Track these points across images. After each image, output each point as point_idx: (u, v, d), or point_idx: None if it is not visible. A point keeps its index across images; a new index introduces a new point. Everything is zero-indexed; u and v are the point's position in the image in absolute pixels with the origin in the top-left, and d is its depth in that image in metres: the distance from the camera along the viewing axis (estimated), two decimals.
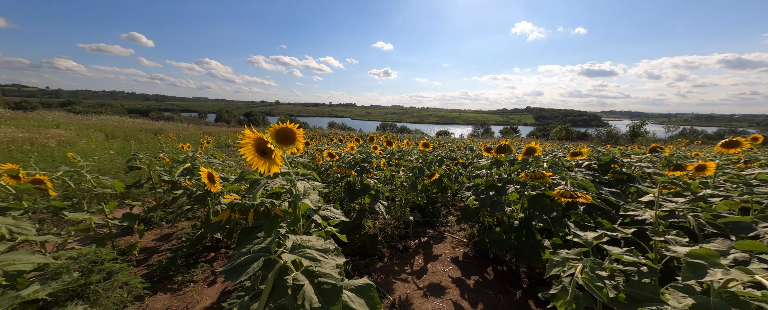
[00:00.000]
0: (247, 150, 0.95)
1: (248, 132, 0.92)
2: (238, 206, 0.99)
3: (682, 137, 27.36)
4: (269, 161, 0.95)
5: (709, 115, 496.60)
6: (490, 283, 2.39)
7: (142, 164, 3.39)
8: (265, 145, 0.92)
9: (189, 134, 16.25)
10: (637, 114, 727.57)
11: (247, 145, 0.95)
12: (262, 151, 0.94)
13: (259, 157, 0.96)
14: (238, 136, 0.92)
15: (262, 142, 0.93)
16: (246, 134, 0.93)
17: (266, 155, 0.94)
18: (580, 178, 1.86)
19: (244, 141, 0.94)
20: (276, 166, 0.95)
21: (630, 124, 23.51)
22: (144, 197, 4.31)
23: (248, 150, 0.95)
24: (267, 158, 0.95)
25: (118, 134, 13.54)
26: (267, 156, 0.94)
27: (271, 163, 0.95)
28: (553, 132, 39.87)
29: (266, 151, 0.93)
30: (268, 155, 0.93)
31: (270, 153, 0.93)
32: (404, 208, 3.32)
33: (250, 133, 0.93)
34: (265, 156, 0.95)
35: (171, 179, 2.42)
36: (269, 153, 0.93)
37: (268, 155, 0.94)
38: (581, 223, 1.99)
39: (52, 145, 7.95)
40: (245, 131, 0.92)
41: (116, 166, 5.71)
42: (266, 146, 0.92)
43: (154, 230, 3.30)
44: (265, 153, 0.94)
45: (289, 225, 1.05)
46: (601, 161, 3.03)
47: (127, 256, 2.69)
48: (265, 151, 0.93)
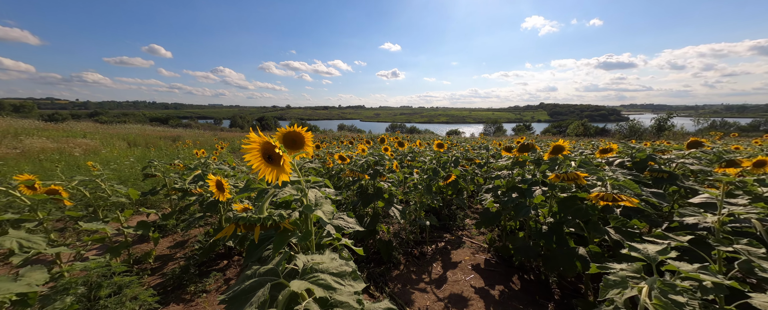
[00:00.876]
0: (253, 156, 0.85)
1: (253, 136, 0.82)
2: (242, 220, 0.89)
3: (713, 130, 25.64)
4: (277, 168, 0.85)
5: (742, 105, 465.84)
6: (516, 294, 2.20)
7: (157, 171, 3.41)
8: (272, 151, 0.81)
9: (205, 140, 16.72)
10: (660, 107, 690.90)
11: (252, 150, 0.84)
12: (269, 157, 0.83)
13: (265, 164, 0.85)
14: (243, 140, 0.81)
15: (269, 147, 0.82)
16: (251, 139, 0.83)
17: (274, 161, 0.83)
18: (621, 179, 1.66)
19: (250, 146, 0.84)
20: (285, 174, 0.84)
21: (655, 118, 22.12)
22: (160, 203, 4.37)
23: (254, 156, 0.85)
24: (274, 164, 0.84)
25: (139, 142, 14.09)
26: (274, 163, 0.83)
27: (279, 170, 0.84)
28: (569, 128, 38.37)
29: (274, 157, 0.82)
30: (276, 161, 0.83)
31: (278, 159, 0.82)
32: (419, 212, 3.17)
33: (256, 137, 0.82)
34: (272, 163, 0.84)
35: (182, 187, 2.39)
36: (277, 159, 0.82)
37: (276, 162, 0.83)
38: (623, 229, 1.79)
39: (77, 154, 8.32)
40: (250, 135, 0.82)
41: (136, 173, 5.86)
42: (274, 152, 0.81)
43: (170, 237, 3.30)
44: (272, 159, 0.83)
45: (300, 240, 0.93)
46: (635, 159, 2.77)
47: (142, 264, 2.68)
48: (273, 157, 0.82)
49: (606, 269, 1.13)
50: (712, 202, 1.76)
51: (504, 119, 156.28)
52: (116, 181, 4.77)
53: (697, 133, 24.21)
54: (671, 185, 2.37)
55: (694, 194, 2.27)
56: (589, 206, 1.87)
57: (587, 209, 1.86)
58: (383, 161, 2.75)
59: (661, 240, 1.58)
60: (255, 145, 0.84)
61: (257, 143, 0.84)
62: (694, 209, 1.45)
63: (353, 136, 16.33)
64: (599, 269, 1.15)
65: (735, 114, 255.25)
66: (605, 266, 1.14)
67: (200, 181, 2.49)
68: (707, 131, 25.17)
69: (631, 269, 1.00)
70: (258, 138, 0.83)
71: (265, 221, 0.92)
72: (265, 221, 0.92)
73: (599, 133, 35.19)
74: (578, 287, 2.23)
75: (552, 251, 2.14)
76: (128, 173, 5.80)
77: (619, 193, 1.52)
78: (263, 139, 0.82)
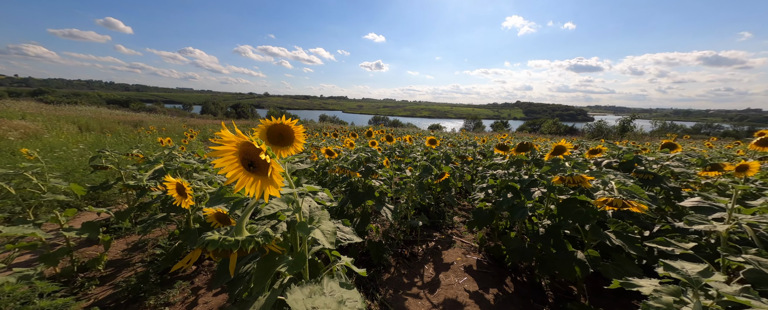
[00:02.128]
0: (227, 162, 0.61)
1: (227, 134, 0.58)
2: (212, 245, 0.65)
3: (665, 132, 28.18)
4: (262, 178, 0.62)
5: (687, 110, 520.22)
6: (511, 297, 2.15)
7: (109, 162, 2.94)
8: (255, 156, 0.58)
9: (172, 127, 15.37)
10: (621, 109, 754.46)
11: (226, 153, 0.61)
12: (252, 165, 0.60)
13: (245, 172, 0.62)
14: (214, 138, 0.57)
15: (251, 151, 0.59)
16: (224, 137, 0.59)
17: (258, 169, 0.60)
18: (629, 183, 1.60)
19: (223, 148, 0.60)
20: (273, 187, 0.61)
21: (619, 119, 23.92)
22: (114, 199, 3.85)
23: (228, 161, 0.61)
24: (259, 173, 0.61)
25: (93, 127, 12.59)
26: (259, 171, 0.61)
27: (266, 182, 0.61)
28: (544, 126, 40.42)
29: (258, 165, 0.59)
30: (261, 169, 0.60)
31: (264, 168, 0.59)
32: (410, 210, 3.03)
33: (231, 136, 0.58)
34: (255, 171, 0.61)
35: (138, 184, 2.02)
36: (263, 167, 0.59)
37: (261, 170, 0.60)
38: (623, 233, 1.76)
39: (12, 138, 7.19)
40: (223, 132, 0.57)
41: (86, 163, 5.14)
42: (257, 157, 0.58)
43: (125, 239, 2.89)
44: (255, 167, 0.60)
45: (290, 268, 0.72)
46: (622, 160, 2.81)
47: (89, 272, 2.29)
48: (257, 165, 0.59)
49: (630, 286, 1.04)
50: (704, 205, 1.77)
51: (483, 116, 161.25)
52: (61, 171, 4.13)
53: (652, 135, 26.52)
54: (655, 186, 2.41)
55: (677, 196, 2.32)
56: (590, 209, 1.82)
57: (588, 213, 1.81)
58: (375, 157, 2.55)
59: (652, 244, 1.56)
60: (230, 146, 0.60)
61: (233, 144, 0.60)
62: (703, 217, 1.41)
63: (336, 128, 15.85)
64: (622, 285, 1.06)
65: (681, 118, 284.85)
66: (629, 282, 1.05)
67: (162, 176, 2.13)
68: (660, 133, 27.67)
69: (668, 291, 0.90)
70: (235, 137, 0.59)
71: (244, 244, 0.69)
72: (245, 244, 0.69)
73: (568, 132, 37.41)
74: (569, 288, 2.23)
75: (548, 254, 2.09)
76: (77, 162, 5.07)
77: (629, 198, 1.45)
78: (242, 138, 0.58)
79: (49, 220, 2.08)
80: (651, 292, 0.94)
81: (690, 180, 2.48)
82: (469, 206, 4.50)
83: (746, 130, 52.36)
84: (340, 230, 0.98)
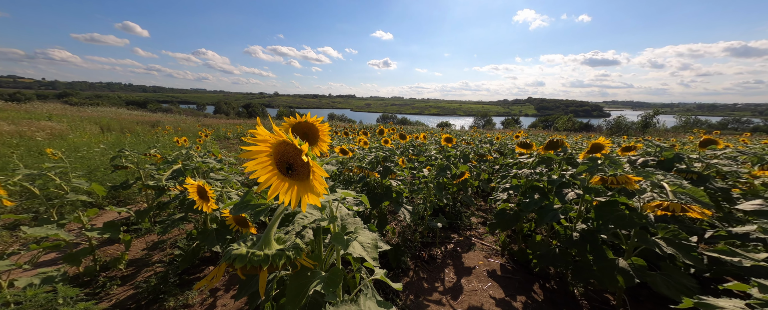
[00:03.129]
0: (260, 164, 0.52)
1: (263, 131, 0.49)
2: (239, 260, 0.57)
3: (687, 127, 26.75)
4: (300, 183, 0.53)
5: (712, 104, 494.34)
6: (541, 307, 2.01)
7: (129, 162, 2.96)
8: (294, 157, 0.49)
9: (187, 127, 15.77)
10: (639, 104, 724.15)
11: (259, 154, 0.52)
12: (290, 168, 0.51)
13: (280, 176, 0.53)
14: (246, 137, 0.49)
15: (290, 152, 0.50)
16: (258, 135, 0.50)
17: (297, 173, 0.51)
18: (687, 185, 1.44)
19: (256, 148, 0.51)
20: (313, 194, 0.52)
21: (641, 115, 22.78)
22: (134, 198, 3.91)
23: (261, 164, 0.52)
24: (297, 178, 0.52)
25: (114, 127, 13.05)
26: (297, 175, 0.51)
27: (304, 188, 0.52)
28: (559, 123, 39.21)
29: (297, 168, 0.50)
30: (301, 173, 0.51)
31: (304, 171, 0.50)
32: (427, 211, 2.93)
33: (266, 133, 0.49)
34: (292, 175, 0.52)
35: (157, 184, 2.00)
36: (303, 171, 0.50)
37: (301, 174, 0.51)
38: (676, 241, 1.59)
39: (40, 138, 7.50)
40: (258, 129, 0.49)
41: (107, 162, 5.28)
42: (298, 159, 0.49)
43: (145, 238, 2.91)
44: (293, 170, 0.51)
45: (325, 286, 0.63)
46: (661, 158, 2.60)
47: (111, 271, 2.31)
48: (295, 168, 0.50)
49: (706, 307, 0.91)
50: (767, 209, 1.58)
51: (493, 113, 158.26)
52: (83, 170, 4.24)
53: (676, 131, 25.25)
54: (700, 186, 2.20)
55: (726, 198, 2.11)
56: (635, 213, 1.66)
57: (632, 217, 1.65)
58: (394, 156, 2.45)
59: (728, 256, 1.39)
60: (264, 146, 0.51)
61: (268, 144, 0.51)
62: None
63: (346, 127, 15.86)
64: (696, 305, 0.93)
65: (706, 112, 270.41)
66: (704, 303, 0.91)
67: (180, 176, 2.11)
68: (684, 129, 26.29)
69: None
70: (270, 136, 0.50)
71: (274, 260, 0.61)
72: (275, 260, 0.61)
73: (584, 128, 36.15)
74: (605, 298, 2.07)
75: (584, 260, 1.94)
76: (98, 161, 5.22)
77: (689, 202, 1.30)
78: (279, 137, 0.49)
79: (73, 220, 2.09)
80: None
81: (740, 180, 2.26)
82: (486, 206, 4.35)
83: None
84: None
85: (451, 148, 3.72)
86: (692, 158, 2.46)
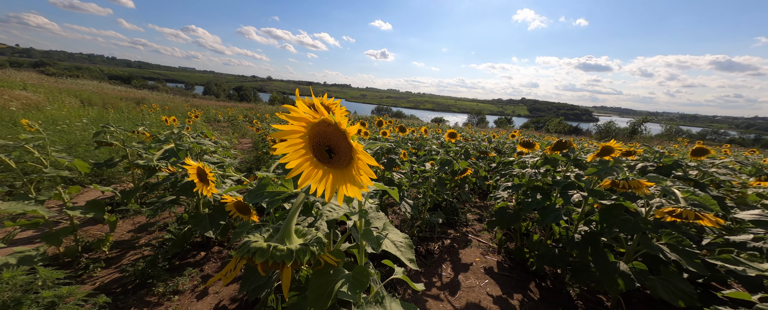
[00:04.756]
0: (292, 146, 0.44)
1: (303, 108, 0.41)
2: (260, 254, 0.50)
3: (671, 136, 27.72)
4: (336, 172, 0.45)
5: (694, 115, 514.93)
6: (538, 306, 2.03)
7: (114, 139, 2.78)
8: (338, 140, 0.41)
9: (175, 106, 15.15)
10: (626, 111, 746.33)
11: (292, 134, 0.43)
12: (330, 151, 0.43)
13: (314, 162, 0.45)
14: (280, 113, 0.40)
15: (331, 135, 0.42)
16: (294, 112, 0.41)
17: (339, 158, 0.43)
18: (700, 193, 1.43)
19: (290, 127, 0.42)
20: (353, 184, 0.44)
21: (629, 121, 23.47)
22: (119, 177, 3.72)
23: (293, 146, 0.44)
24: (335, 165, 0.44)
25: (95, 101, 12.38)
26: (335, 162, 0.44)
27: (342, 177, 0.45)
28: (551, 125, 40.02)
29: (339, 152, 0.42)
30: (341, 160, 0.43)
31: (345, 158, 0.42)
32: (427, 206, 2.90)
33: (307, 110, 0.41)
34: (331, 162, 0.44)
35: (147, 164, 1.87)
36: (344, 157, 0.42)
37: (340, 161, 0.43)
38: (679, 247, 1.61)
39: (14, 108, 7.02)
40: (297, 105, 0.40)
41: (89, 137, 4.99)
42: (343, 142, 0.41)
43: (131, 219, 2.77)
44: (335, 154, 0.43)
45: (352, 287, 0.57)
46: (660, 164, 2.64)
47: (94, 253, 2.18)
48: (337, 151, 0.42)
49: None
50: (767, 220, 1.61)
51: (487, 111, 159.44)
52: (63, 145, 3.98)
53: (660, 138, 26.12)
54: None
55: (721, 206, 2.16)
56: (640, 218, 1.66)
57: (637, 222, 1.65)
58: (398, 149, 2.38)
59: (732, 265, 1.41)
60: (299, 126, 0.43)
61: (303, 124, 0.43)
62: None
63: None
64: None
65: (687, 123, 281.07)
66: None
67: (172, 157, 1.98)
68: (668, 137, 27.25)
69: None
70: (310, 113, 0.41)
71: (298, 255, 0.54)
72: (299, 255, 0.54)
73: (573, 132, 36.98)
74: (599, 298, 2.11)
75: (584, 262, 1.95)
76: (80, 136, 4.92)
77: (701, 210, 1.29)
78: (321, 116, 0.41)
79: (52, 196, 1.94)
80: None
81: (734, 190, 2.31)
82: (481, 204, 4.37)
83: (753, 139, 51.70)
84: (397, 235, 0.83)
85: (453, 143, 3.68)
86: (690, 165, 2.51)
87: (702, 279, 1.95)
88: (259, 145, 5.85)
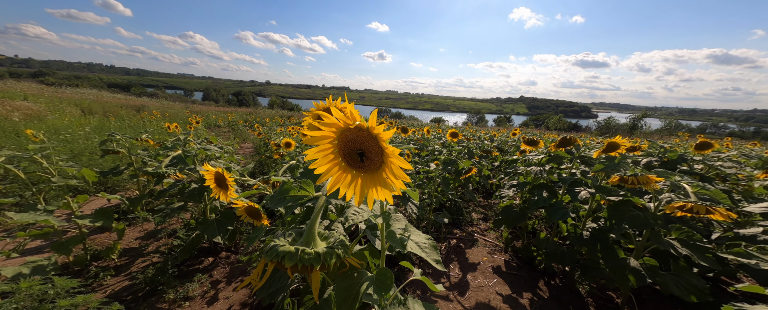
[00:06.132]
0: (322, 152, 0.45)
1: (336, 113, 0.41)
2: (289, 257, 0.50)
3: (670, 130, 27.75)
4: (365, 176, 0.46)
5: (693, 109, 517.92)
6: (547, 303, 2.03)
7: (120, 146, 2.79)
8: (370, 144, 0.42)
9: (175, 113, 15.19)
10: (625, 107, 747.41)
11: (323, 140, 0.44)
12: (362, 155, 0.44)
13: (344, 167, 0.46)
14: (311, 119, 0.41)
15: (363, 139, 0.43)
16: (327, 118, 0.42)
17: (371, 163, 0.44)
18: (710, 188, 1.44)
19: (321, 133, 0.43)
20: (384, 188, 0.45)
21: (629, 117, 23.54)
22: (124, 185, 3.72)
23: (323, 151, 0.45)
24: (365, 169, 0.45)
25: (96, 110, 12.42)
26: (366, 167, 0.44)
27: (371, 181, 0.46)
28: (551, 122, 40.13)
29: (371, 156, 0.43)
30: (373, 164, 0.44)
31: (377, 162, 0.43)
32: (432, 206, 2.90)
33: (338, 115, 0.42)
34: (362, 167, 0.45)
35: (156, 171, 1.88)
36: (375, 161, 0.43)
37: (371, 165, 0.44)
38: (690, 242, 1.61)
39: (17, 119, 7.04)
40: (333, 113, 0.41)
41: (93, 146, 5.01)
42: (375, 146, 0.42)
43: (137, 227, 2.77)
44: (367, 159, 0.44)
45: (377, 289, 0.57)
46: (665, 159, 2.64)
47: (103, 261, 2.18)
48: (369, 156, 0.43)
49: None
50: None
51: (486, 110, 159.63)
52: (67, 155, 3.99)
53: (660, 133, 26.15)
54: None
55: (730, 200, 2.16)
56: (649, 214, 1.67)
57: (647, 217, 1.66)
58: (404, 150, 2.39)
59: (745, 259, 1.41)
60: (329, 131, 0.44)
61: (333, 129, 0.44)
62: None
63: None
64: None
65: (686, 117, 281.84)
66: (739, 308, 0.91)
67: (180, 163, 1.99)
68: (668, 132, 27.29)
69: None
70: (342, 118, 0.42)
71: (325, 258, 0.54)
72: (327, 258, 0.54)
73: (572, 128, 37.04)
74: (609, 295, 2.11)
75: (593, 259, 1.95)
76: (83, 145, 4.94)
77: (712, 205, 1.30)
78: (354, 120, 0.42)
79: (61, 206, 1.95)
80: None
81: (741, 182, 2.31)
82: (485, 203, 4.37)
83: (752, 131, 51.73)
84: (420, 237, 0.84)
85: (455, 143, 3.69)
86: (695, 159, 2.51)
87: (712, 274, 1.95)
88: (262, 149, 5.86)
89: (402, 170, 0.41)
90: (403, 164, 0.40)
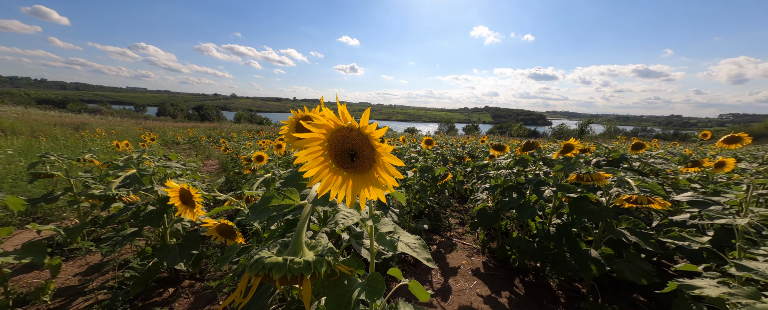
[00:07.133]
0: (312, 154, 0.45)
1: (328, 114, 0.42)
2: (276, 268, 0.48)
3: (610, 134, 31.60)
4: (356, 177, 0.46)
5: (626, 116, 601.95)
6: (524, 300, 2.12)
7: (56, 169, 2.43)
8: (361, 144, 0.43)
9: (123, 130, 13.70)
10: (574, 114, 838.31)
11: (313, 142, 0.44)
12: (353, 155, 0.44)
13: (334, 169, 0.46)
14: (304, 122, 0.41)
15: (354, 139, 0.43)
16: (318, 119, 0.42)
17: (362, 162, 0.44)
18: (649, 181, 1.65)
19: (311, 135, 0.43)
20: (376, 187, 0.46)
21: (578, 123, 26.65)
22: (60, 213, 3.22)
23: (313, 154, 0.45)
24: (356, 169, 0.45)
25: (21, 129, 10.74)
26: (357, 167, 0.45)
27: (364, 181, 0.46)
28: (513, 129, 43.43)
29: (362, 156, 0.44)
30: (364, 164, 0.44)
31: (368, 162, 0.44)
32: (411, 214, 2.93)
33: (331, 116, 0.42)
34: (352, 167, 0.45)
35: (104, 193, 1.66)
36: (367, 161, 0.44)
37: (362, 165, 0.45)
38: (637, 230, 1.81)
39: None
40: (323, 110, 0.41)
41: (16, 171, 4.29)
42: (367, 145, 0.42)
43: (80, 260, 2.39)
44: (358, 158, 0.44)
45: (369, 294, 0.56)
46: (610, 158, 2.99)
47: (31, 304, 1.84)
48: (361, 155, 0.44)
49: (688, 289, 1.03)
50: (698, 200, 1.88)
51: (455, 120, 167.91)
52: None
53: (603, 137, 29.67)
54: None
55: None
56: (603, 207, 1.86)
57: (601, 211, 1.85)
58: None
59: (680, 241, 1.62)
60: (319, 133, 0.44)
61: (323, 131, 0.44)
62: (719, 209, 1.48)
63: None
64: (681, 287, 1.05)
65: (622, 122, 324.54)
66: (686, 285, 1.04)
67: (135, 183, 1.78)
68: (609, 135, 31.07)
69: (744, 294, 0.89)
70: (335, 119, 0.43)
71: (316, 267, 0.52)
72: (317, 267, 0.53)
73: (532, 135, 40.46)
74: (575, 286, 2.27)
75: (561, 253, 2.11)
76: (3, 170, 4.21)
77: (652, 195, 1.49)
78: (344, 121, 0.43)
79: None
80: (719, 294, 0.92)
81: (669, 176, 2.70)
82: (461, 207, 4.52)
83: (672, 133, 61.22)
84: (409, 240, 0.84)
85: (430, 150, 3.81)
86: (634, 157, 2.88)
87: (656, 257, 2.21)
88: (229, 165, 5.49)
89: (394, 166, 0.42)
90: (395, 161, 0.42)
